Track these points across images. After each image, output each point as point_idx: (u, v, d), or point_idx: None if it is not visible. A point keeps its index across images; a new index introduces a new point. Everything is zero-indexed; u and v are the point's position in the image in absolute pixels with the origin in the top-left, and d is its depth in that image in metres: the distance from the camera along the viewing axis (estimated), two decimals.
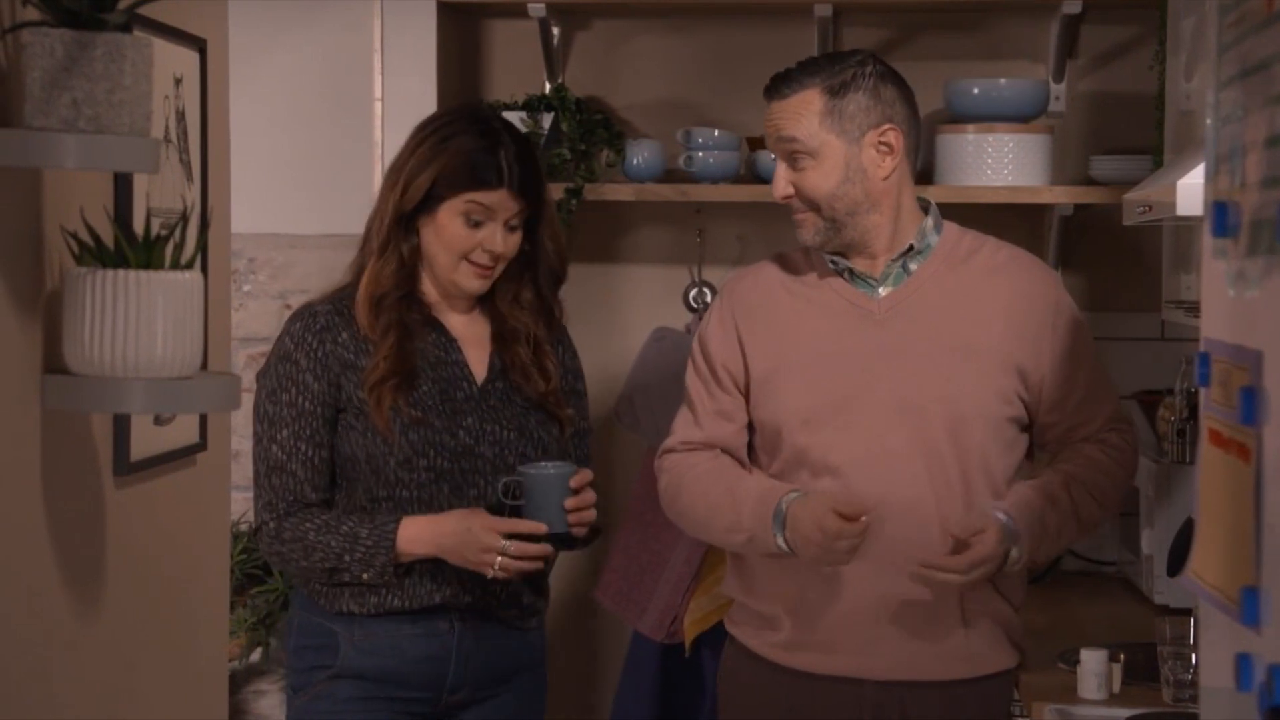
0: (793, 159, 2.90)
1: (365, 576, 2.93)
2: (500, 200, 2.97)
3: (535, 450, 3.03)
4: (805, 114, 2.89)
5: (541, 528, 2.89)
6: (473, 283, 3.01)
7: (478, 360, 3.04)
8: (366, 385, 2.94)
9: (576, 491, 2.92)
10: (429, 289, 3.05)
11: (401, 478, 2.94)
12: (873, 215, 2.90)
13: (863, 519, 2.75)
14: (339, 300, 3.02)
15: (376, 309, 2.97)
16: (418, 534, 2.91)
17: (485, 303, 3.08)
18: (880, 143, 2.89)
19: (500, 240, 2.98)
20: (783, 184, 2.92)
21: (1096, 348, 3.04)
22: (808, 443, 2.87)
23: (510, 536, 2.89)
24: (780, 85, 2.92)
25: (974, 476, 2.87)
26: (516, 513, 2.92)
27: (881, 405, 2.85)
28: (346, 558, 2.92)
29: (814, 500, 2.80)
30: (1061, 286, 3.00)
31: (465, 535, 2.89)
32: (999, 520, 2.80)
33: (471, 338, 3.06)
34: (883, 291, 2.93)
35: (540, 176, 3.06)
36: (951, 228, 3.00)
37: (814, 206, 2.90)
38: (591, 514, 2.95)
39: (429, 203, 2.98)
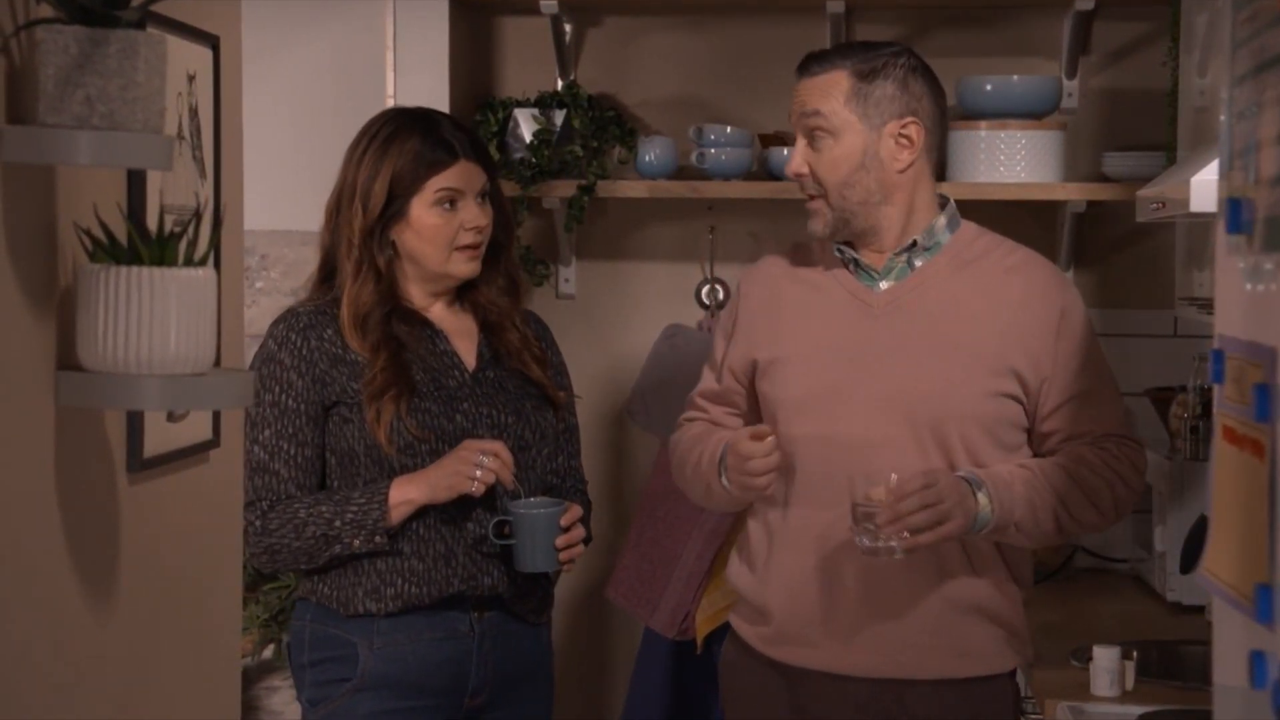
0: (812, 137, 2.89)
1: (356, 543, 2.92)
2: (464, 172, 2.99)
3: (533, 433, 3.04)
4: (832, 92, 2.87)
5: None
6: (465, 267, 3.02)
7: (466, 350, 3.05)
8: (365, 397, 2.93)
9: (566, 529, 2.95)
10: (412, 291, 3.05)
11: (405, 464, 2.94)
12: (885, 207, 2.89)
13: (769, 439, 2.79)
14: (320, 304, 3.03)
15: (363, 329, 2.97)
16: (408, 481, 2.93)
17: (465, 294, 3.09)
18: (900, 134, 2.88)
19: (481, 213, 3.00)
20: (798, 160, 2.91)
21: (1109, 348, 3.01)
22: (797, 432, 2.87)
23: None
24: (811, 63, 2.92)
25: None
26: (507, 551, 2.95)
27: (868, 398, 2.84)
28: (338, 522, 2.92)
29: (738, 432, 2.88)
30: (1072, 292, 2.94)
31: (447, 460, 2.91)
32: (951, 473, 2.77)
33: (457, 330, 3.06)
34: (883, 285, 2.92)
35: (484, 143, 3.10)
36: (969, 227, 2.97)
37: (824, 191, 2.89)
38: (580, 549, 3.00)
39: (394, 206, 2.98)
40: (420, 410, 2.95)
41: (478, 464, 2.90)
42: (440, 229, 2.98)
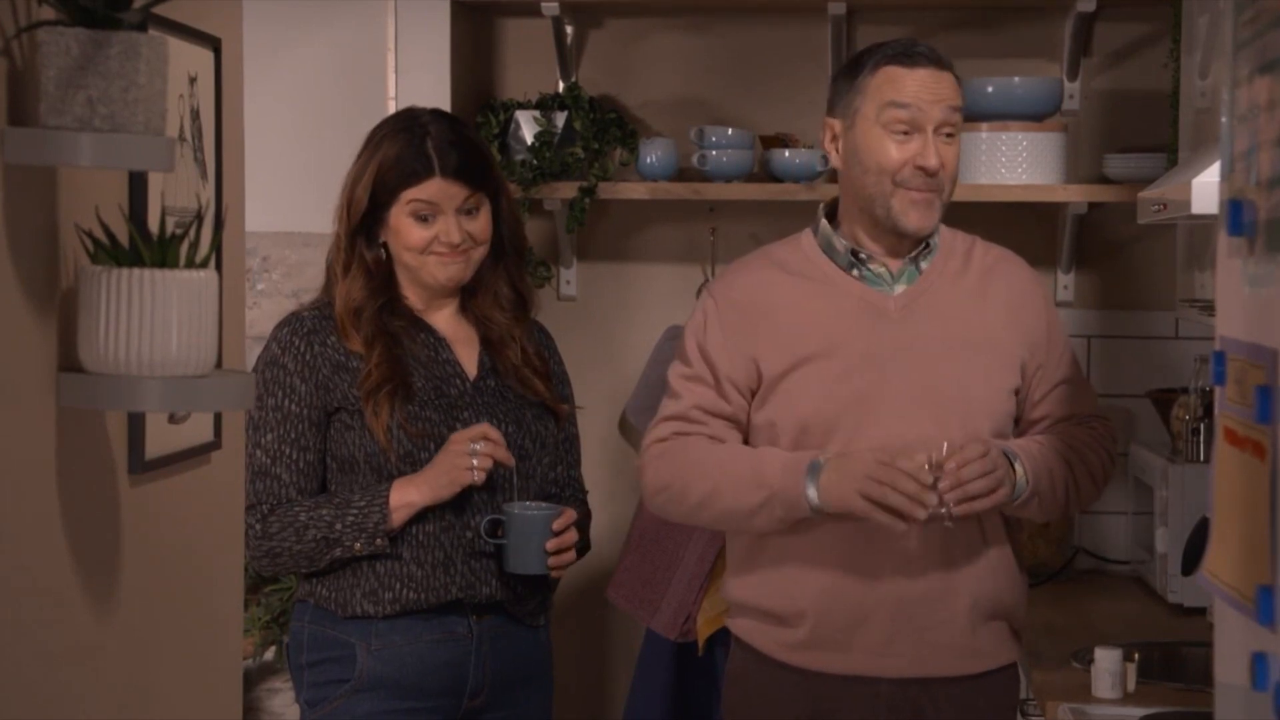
0: (946, 132, 2.88)
1: (357, 546, 2.92)
2: (438, 189, 2.96)
3: (533, 443, 3.03)
4: (958, 90, 2.91)
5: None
6: (445, 271, 3.00)
7: (468, 359, 3.04)
8: (363, 394, 2.93)
9: (558, 533, 2.94)
10: (411, 294, 3.04)
11: (405, 472, 2.94)
12: None
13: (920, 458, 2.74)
14: (324, 308, 3.03)
15: (355, 322, 2.97)
16: (408, 483, 2.92)
17: (467, 304, 3.08)
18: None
19: (455, 230, 2.97)
20: (938, 157, 2.86)
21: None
22: (825, 441, 2.85)
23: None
24: (936, 54, 2.90)
25: None
26: (499, 550, 2.94)
27: (898, 403, 2.85)
28: (339, 525, 2.92)
29: (865, 449, 2.78)
30: (1045, 282, 3.03)
31: (441, 457, 2.91)
32: (986, 440, 2.81)
33: (460, 338, 3.06)
34: (897, 289, 2.92)
35: (483, 157, 3.04)
36: (944, 228, 3.00)
37: (943, 189, 2.89)
38: (571, 555, 2.98)
39: (377, 212, 2.98)
40: (421, 419, 2.95)
41: (470, 453, 2.90)
42: (414, 238, 2.98)
